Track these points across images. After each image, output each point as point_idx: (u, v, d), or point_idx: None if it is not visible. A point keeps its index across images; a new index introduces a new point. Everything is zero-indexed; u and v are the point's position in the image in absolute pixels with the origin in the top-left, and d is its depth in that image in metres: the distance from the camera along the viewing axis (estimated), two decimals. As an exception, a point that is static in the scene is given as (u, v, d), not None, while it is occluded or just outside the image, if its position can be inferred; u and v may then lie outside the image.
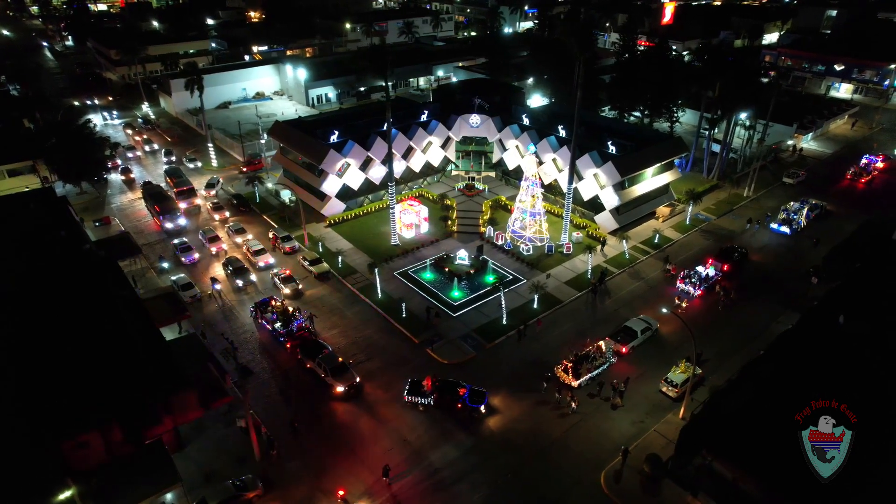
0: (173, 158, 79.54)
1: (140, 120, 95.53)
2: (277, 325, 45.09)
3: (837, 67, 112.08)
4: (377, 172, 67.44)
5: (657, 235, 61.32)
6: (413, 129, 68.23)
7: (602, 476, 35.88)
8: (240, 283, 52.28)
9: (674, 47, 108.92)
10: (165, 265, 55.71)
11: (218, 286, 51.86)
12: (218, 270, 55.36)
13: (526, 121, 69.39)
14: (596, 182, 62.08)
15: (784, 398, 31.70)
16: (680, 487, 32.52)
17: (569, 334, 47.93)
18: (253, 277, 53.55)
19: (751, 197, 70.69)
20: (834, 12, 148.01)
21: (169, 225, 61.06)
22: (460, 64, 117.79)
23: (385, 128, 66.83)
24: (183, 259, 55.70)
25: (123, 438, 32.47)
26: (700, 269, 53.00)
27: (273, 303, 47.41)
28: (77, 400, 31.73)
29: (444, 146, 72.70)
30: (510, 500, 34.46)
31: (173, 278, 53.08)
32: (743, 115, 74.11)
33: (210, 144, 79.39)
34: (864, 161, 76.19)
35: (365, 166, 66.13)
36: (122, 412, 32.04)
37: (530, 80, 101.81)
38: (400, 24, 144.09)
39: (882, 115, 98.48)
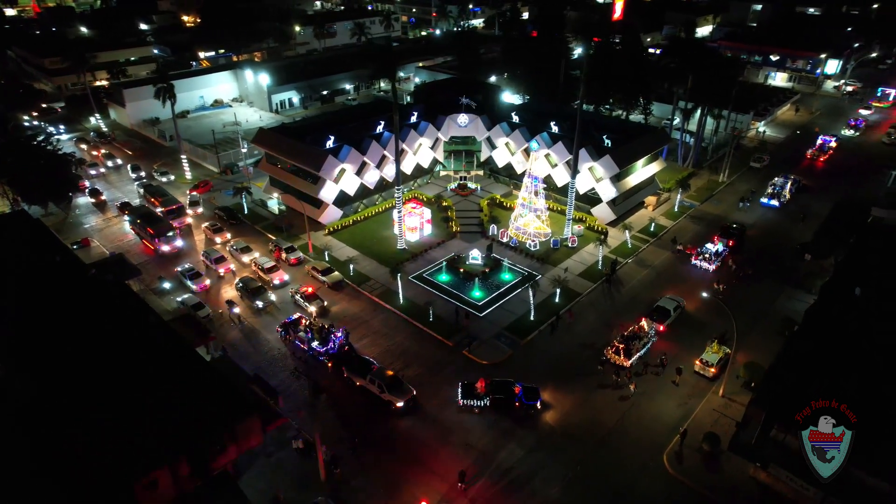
0: (143, 174, 74.84)
1: (93, 133, 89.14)
2: (314, 343, 43.43)
3: (773, 58, 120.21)
4: (372, 177, 66.39)
5: (653, 223, 63.73)
6: (405, 130, 67.48)
7: (665, 458, 37.09)
8: (259, 303, 49.72)
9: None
10: (167, 285, 52.48)
11: (236, 309, 49.16)
12: (230, 292, 52.49)
13: (515, 118, 70.22)
14: (591, 175, 63.67)
15: (831, 371, 33.99)
16: (750, 462, 34.19)
17: (596, 324, 49.15)
18: (272, 297, 51.17)
19: (726, 182, 74.79)
20: (759, 6, 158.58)
21: (165, 248, 57.08)
22: (420, 64, 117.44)
23: (378, 131, 66.63)
24: (193, 286, 51.68)
25: (192, 471, 30.56)
26: (709, 246, 56.33)
27: (303, 321, 45.65)
28: (143, 435, 29.55)
29: (433, 147, 72.40)
30: (586, 492, 35.00)
31: (179, 299, 50.19)
32: (706, 104, 78.13)
33: (183, 156, 75.24)
34: (819, 141, 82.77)
35: (360, 171, 64.87)
36: (190, 444, 30.14)
37: (493, 78, 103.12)
38: (349, 25, 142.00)
39: (819, 102, 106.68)
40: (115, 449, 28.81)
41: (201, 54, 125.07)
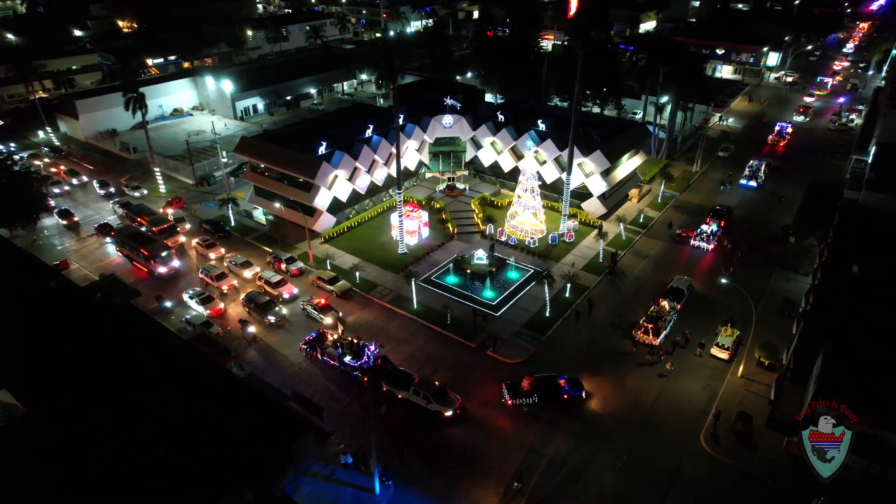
0: (112, 189, 70.54)
1: (46, 149, 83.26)
2: (346, 358, 42.21)
3: (719, 51, 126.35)
4: (363, 182, 65.37)
5: (641, 215, 65.82)
6: (392, 133, 66.67)
7: (702, 439, 38.51)
8: (271, 318, 47.95)
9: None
10: (168, 304, 49.85)
11: (252, 329, 47.12)
12: (237, 309, 50.32)
13: (501, 118, 70.82)
14: (581, 171, 65.02)
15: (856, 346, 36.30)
16: (788, 436, 36.04)
17: (611, 313, 50.38)
18: (284, 311, 49.42)
19: (699, 172, 78.18)
20: (697, 2, 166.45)
21: (162, 269, 53.95)
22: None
23: (367, 135, 65.69)
24: (205, 312, 48.86)
25: (256, 498, 29.27)
26: (704, 227, 59.84)
27: (329, 336, 44.40)
28: (204, 465, 28.05)
29: (419, 149, 72.01)
30: (636, 478, 35.86)
31: (184, 318, 47.87)
32: (678, 98, 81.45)
33: (157, 168, 71.51)
34: (777, 128, 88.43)
35: (351, 176, 63.75)
36: (252, 469, 28.85)
37: (458, 77, 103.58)
38: (301, 28, 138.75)
39: (766, 92, 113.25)
40: (176, 480, 27.25)
41: (149, 61, 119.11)
